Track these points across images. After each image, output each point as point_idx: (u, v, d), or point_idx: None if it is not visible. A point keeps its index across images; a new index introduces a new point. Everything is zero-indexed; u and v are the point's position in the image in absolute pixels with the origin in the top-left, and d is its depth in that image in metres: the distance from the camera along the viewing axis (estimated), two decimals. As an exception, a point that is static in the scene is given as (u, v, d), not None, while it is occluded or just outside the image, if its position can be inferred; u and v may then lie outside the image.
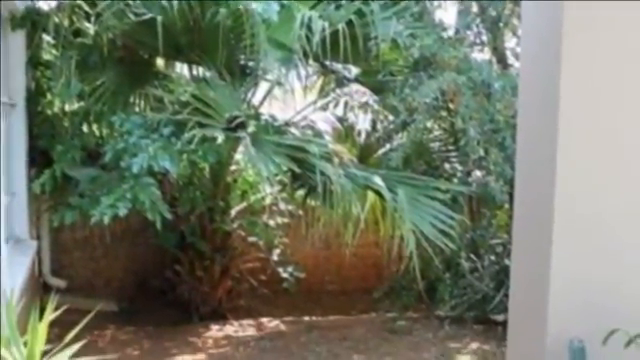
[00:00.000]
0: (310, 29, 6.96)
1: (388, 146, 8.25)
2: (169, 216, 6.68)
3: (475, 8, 8.86)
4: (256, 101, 7.94)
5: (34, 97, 7.33)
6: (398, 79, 7.82)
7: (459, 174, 8.15)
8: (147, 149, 6.41)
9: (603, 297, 2.85)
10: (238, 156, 8.05)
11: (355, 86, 8.56)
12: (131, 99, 7.80)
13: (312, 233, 7.64)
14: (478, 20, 8.73)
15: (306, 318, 8.46)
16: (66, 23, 7.25)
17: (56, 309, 4.34)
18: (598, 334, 2.66)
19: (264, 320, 8.21)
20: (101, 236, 7.97)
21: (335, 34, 6.98)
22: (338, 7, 7.46)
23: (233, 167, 8.34)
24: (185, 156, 6.66)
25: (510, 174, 6.95)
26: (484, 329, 7.59)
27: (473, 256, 7.94)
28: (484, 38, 8.79)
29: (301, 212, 8.20)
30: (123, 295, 8.61)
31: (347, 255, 7.65)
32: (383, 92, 8.13)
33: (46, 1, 7.45)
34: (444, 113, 8.10)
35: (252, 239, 8.51)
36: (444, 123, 8.35)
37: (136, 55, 7.76)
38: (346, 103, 8.67)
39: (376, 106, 8.49)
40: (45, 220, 7.79)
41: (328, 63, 8.20)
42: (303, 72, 7.70)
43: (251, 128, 6.92)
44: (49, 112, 7.54)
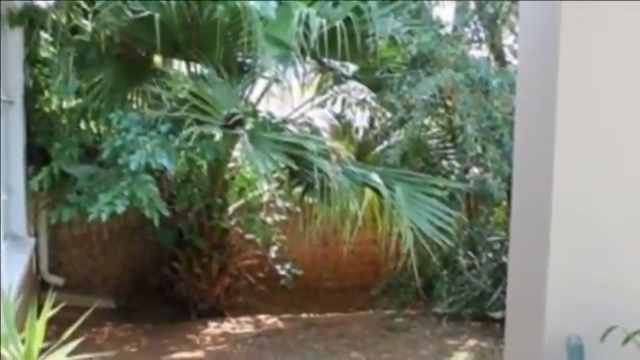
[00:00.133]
0: (308, 26, 6.97)
1: (386, 143, 8.25)
2: (167, 213, 6.68)
3: (473, 5, 8.87)
4: (254, 98, 7.95)
5: (32, 94, 7.33)
6: (396, 76, 7.84)
7: (457, 171, 8.16)
8: (145, 146, 6.40)
9: (601, 294, 2.85)
10: (236, 153, 8.04)
11: (353, 83, 8.57)
12: (129, 96, 7.80)
13: (310, 230, 7.63)
14: (476, 17, 8.74)
15: (304, 315, 8.47)
16: (64, 20, 7.25)
17: (54, 306, 4.34)
18: (596, 331, 2.67)
19: (262, 317, 8.22)
20: (99, 233, 7.96)
21: (333, 31, 6.98)
22: (336, 4, 7.47)
23: (231, 164, 8.34)
24: (183, 153, 6.67)
25: (508, 171, 6.96)
26: (482, 326, 7.59)
27: (471, 253, 7.95)
28: (482, 35, 8.80)
29: (299, 209, 8.19)
30: (121, 292, 8.62)
31: (345, 252, 7.65)
32: (381, 89, 8.14)
33: (44, -1, 7.45)
34: (442, 110, 8.12)
35: (250, 236, 8.51)
36: (442, 120, 8.36)
37: (134, 52, 7.75)
38: (344, 100, 8.68)
39: (374, 103, 8.50)
40: (43, 217, 7.79)
41: (326, 60, 8.21)
42: (301, 69, 7.73)
43: (249, 125, 6.92)
44: (47, 109, 7.54)
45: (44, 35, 7.43)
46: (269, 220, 8.57)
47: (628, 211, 2.88)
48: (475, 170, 7.99)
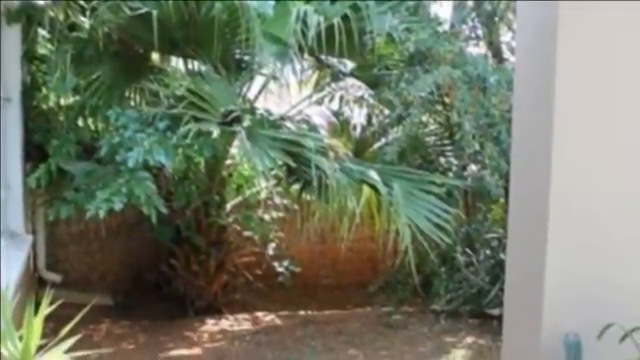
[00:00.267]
0: (305, 23, 6.97)
1: (383, 140, 8.24)
2: (164, 210, 6.66)
3: (470, 2, 8.85)
4: (251, 95, 7.93)
5: (29, 91, 7.30)
6: (393, 73, 7.82)
7: (454, 168, 8.16)
8: (142, 143, 6.39)
9: (599, 291, 2.86)
10: (233, 150, 8.04)
11: (350, 80, 8.56)
12: (126, 93, 7.78)
13: (307, 227, 7.62)
14: (473, 14, 8.72)
15: (301, 312, 8.47)
16: (61, 17, 7.24)
17: (51, 303, 4.32)
18: (593, 328, 2.67)
19: (259, 314, 8.22)
20: (96, 230, 7.94)
21: (330, 28, 6.98)
22: (333, 1, 7.46)
23: (228, 161, 8.33)
24: (180, 150, 6.65)
25: (505, 168, 6.96)
26: (479, 323, 7.60)
27: (468, 250, 7.96)
28: (479, 32, 8.78)
29: (296, 206, 8.18)
30: (118, 289, 8.61)
31: (342, 249, 7.64)
32: (378, 86, 8.13)
33: (41, -5, 7.44)
34: (439, 107, 8.12)
35: (247, 233, 8.51)
36: (439, 117, 8.36)
37: (131, 49, 7.73)
38: (341, 97, 8.68)
39: (371, 100, 8.50)
40: (40, 214, 7.77)
41: (323, 57, 8.20)
42: (298, 66, 7.71)
43: (246, 122, 6.91)
44: (44, 106, 7.52)
45: (42, 32, 7.41)
46: (267, 217, 8.57)
47: (625, 208, 2.89)
48: (473, 167, 7.98)
